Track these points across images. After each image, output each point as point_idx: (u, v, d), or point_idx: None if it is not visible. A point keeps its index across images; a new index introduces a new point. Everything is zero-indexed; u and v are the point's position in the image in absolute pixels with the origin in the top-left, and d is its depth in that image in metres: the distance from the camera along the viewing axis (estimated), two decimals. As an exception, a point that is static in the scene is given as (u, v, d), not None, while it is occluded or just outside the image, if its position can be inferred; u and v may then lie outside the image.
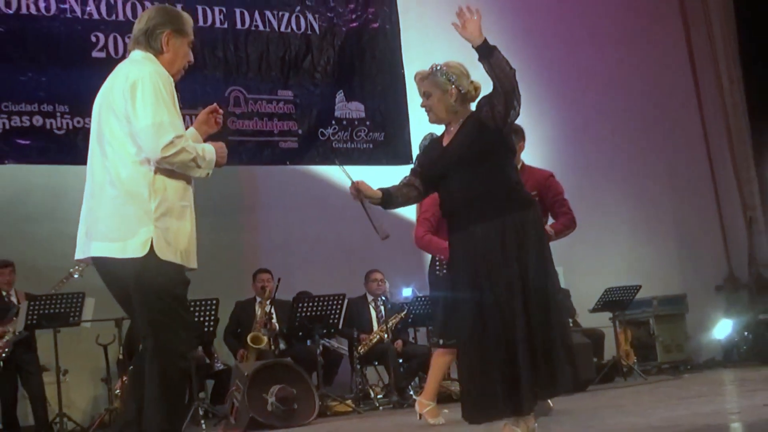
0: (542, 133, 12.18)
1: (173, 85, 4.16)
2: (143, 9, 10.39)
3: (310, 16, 11.14)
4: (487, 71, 4.73)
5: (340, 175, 10.34)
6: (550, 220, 7.38)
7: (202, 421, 8.85)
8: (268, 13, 10.91)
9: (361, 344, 10.08)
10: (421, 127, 11.47)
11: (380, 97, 11.39)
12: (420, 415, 7.08)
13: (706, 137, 13.80)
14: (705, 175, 13.71)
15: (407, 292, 9.94)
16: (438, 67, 5.01)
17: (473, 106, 5.05)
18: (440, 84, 4.95)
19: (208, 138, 4.44)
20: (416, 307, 9.89)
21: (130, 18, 10.34)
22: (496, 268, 4.69)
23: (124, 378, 9.21)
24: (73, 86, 9.24)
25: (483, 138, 4.80)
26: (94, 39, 10.09)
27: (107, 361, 9.44)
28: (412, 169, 5.26)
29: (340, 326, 9.81)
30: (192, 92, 10.25)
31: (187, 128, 4.31)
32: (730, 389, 8.30)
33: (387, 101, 11.40)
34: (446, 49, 12.06)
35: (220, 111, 4.45)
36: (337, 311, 9.56)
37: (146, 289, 4.04)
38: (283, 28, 10.90)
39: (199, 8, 10.57)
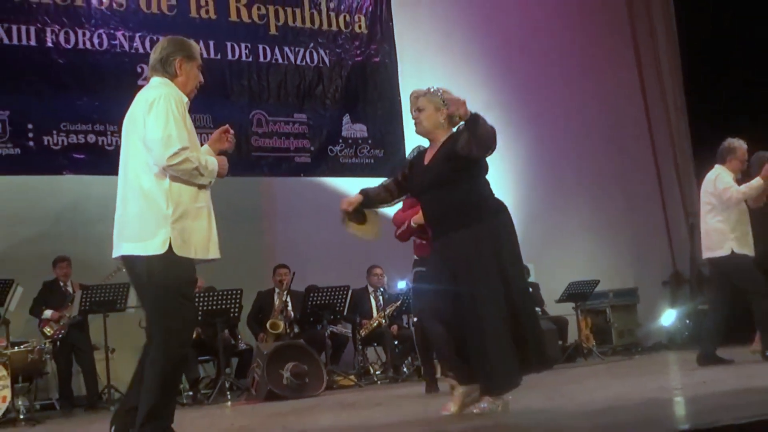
0: (518, 153, 12.29)
1: (186, 104, 4.20)
2: (204, 71, 10.49)
3: (321, 52, 11.16)
4: (471, 134, 4.64)
5: (346, 186, 10.49)
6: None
7: (228, 393, 8.90)
8: (286, 48, 10.93)
9: (363, 328, 10.15)
10: (414, 145, 11.58)
11: (380, 120, 11.41)
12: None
13: (654, 156, 13.79)
14: (654, 188, 13.71)
15: (402, 285, 9.94)
16: (435, 89, 5.00)
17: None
18: (435, 102, 4.91)
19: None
20: (410, 297, 9.90)
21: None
22: (473, 267, 4.66)
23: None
24: (121, 109, 9.04)
25: (457, 161, 4.75)
26: (139, 70, 10.10)
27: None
28: (395, 177, 5.20)
29: (345, 313, 9.94)
30: (222, 115, 10.30)
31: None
32: (673, 369, 8.34)
33: (386, 123, 11.43)
34: (436, 80, 12.10)
35: (231, 131, 4.46)
36: (343, 300, 9.69)
37: (157, 284, 4.07)
38: (299, 62, 10.93)
39: (228, 44, 10.61)
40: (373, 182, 8.43)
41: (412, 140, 11.61)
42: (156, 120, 4.00)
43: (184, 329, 4.22)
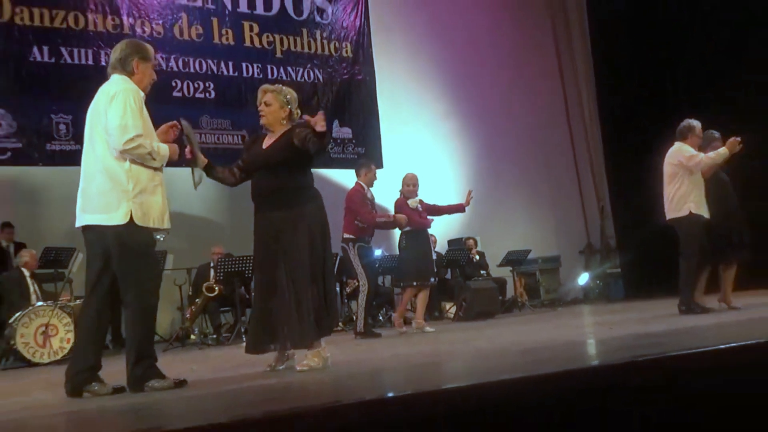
0: (469, 151, 12.32)
1: (143, 98, 3.97)
2: (209, 65, 10.41)
3: (316, 71, 11.16)
4: (318, 140, 4.30)
5: (336, 176, 10.38)
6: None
7: (243, 336, 8.85)
8: (289, 68, 10.96)
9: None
10: (387, 144, 11.58)
11: (362, 125, 11.45)
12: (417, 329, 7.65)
13: (574, 154, 13.85)
14: (573, 179, 13.79)
15: (378, 252, 9.95)
16: (283, 89, 4.67)
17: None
18: (280, 101, 4.57)
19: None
20: (384, 261, 9.89)
21: (198, 71, 10.32)
22: (288, 244, 4.37)
23: (192, 307, 9.22)
24: (158, 117, 9.18)
25: (290, 151, 4.42)
26: (173, 84, 10.05)
27: (181, 296, 9.44)
28: (237, 162, 4.68)
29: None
30: (239, 120, 10.32)
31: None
32: (587, 318, 8.40)
33: (366, 127, 11.46)
34: (406, 94, 12.16)
35: (178, 126, 4.20)
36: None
37: (127, 249, 3.85)
38: (298, 79, 10.91)
39: (243, 65, 10.63)
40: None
41: (387, 140, 11.70)
42: (115, 111, 3.81)
43: (153, 284, 4.03)
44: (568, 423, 2.84)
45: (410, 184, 7.77)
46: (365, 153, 11.18)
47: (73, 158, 9.22)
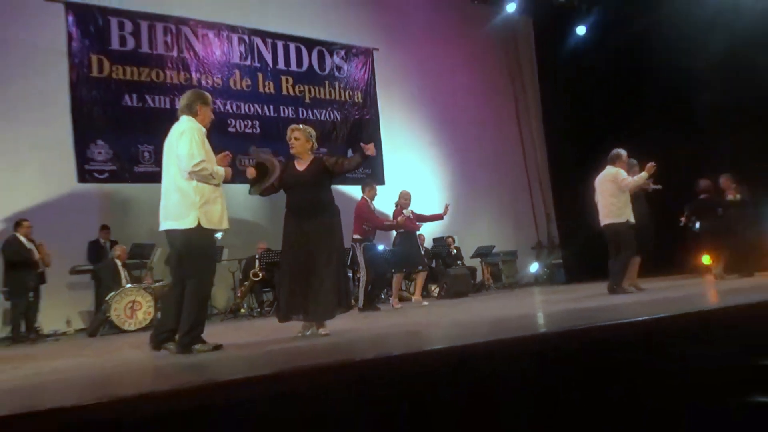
0: (448, 169, 12.28)
1: (204, 132, 4.00)
2: (255, 108, 10.40)
3: (335, 112, 11.17)
4: (358, 164, 4.58)
5: (348, 190, 10.40)
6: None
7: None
8: (315, 110, 10.97)
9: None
10: (388, 166, 11.56)
11: (369, 152, 11.45)
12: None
13: (527, 174, 13.82)
14: (526, 191, 13.76)
15: (380, 247, 9.92)
16: (307, 128, 4.72)
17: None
18: (305, 136, 4.64)
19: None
20: (383, 254, 9.87)
21: (248, 112, 10.33)
22: (321, 243, 4.37)
23: (242, 288, 9.20)
24: (218, 147, 9.25)
25: (322, 173, 4.50)
26: (229, 122, 10.06)
27: (234, 280, 9.44)
28: (274, 182, 4.57)
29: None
30: (279, 150, 10.22)
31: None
32: (537, 297, 8.37)
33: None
34: (402, 130, 12.14)
35: (229, 155, 4.14)
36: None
37: (192, 247, 3.87)
38: (322, 118, 10.92)
39: (281, 107, 10.64)
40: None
41: (388, 162, 11.70)
42: (184, 143, 3.84)
43: (209, 276, 4.00)
44: (524, 375, 2.83)
45: (405, 198, 7.93)
46: (371, 173, 11.18)
47: (154, 177, 9.26)
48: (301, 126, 4.77)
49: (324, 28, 11.24)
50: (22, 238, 7.62)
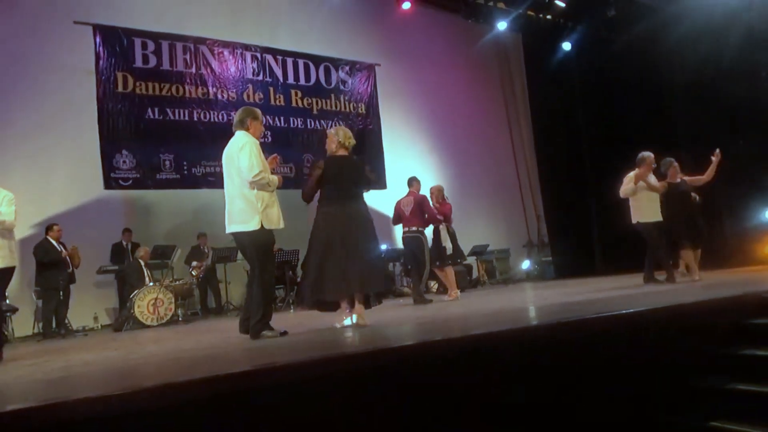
0: (446, 172, 12.25)
1: (258, 144, 4.10)
2: (267, 119, 10.41)
3: (341, 123, 11.09)
4: (372, 181, 4.50)
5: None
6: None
7: (291, 305, 8.87)
8: (322, 121, 10.86)
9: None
10: (390, 173, 11.56)
11: (372, 159, 11.34)
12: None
13: (518, 177, 13.73)
14: (517, 194, 13.62)
15: (383, 246, 9.93)
16: (339, 132, 4.64)
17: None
18: (331, 136, 4.61)
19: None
20: (387, 253, 9.87)
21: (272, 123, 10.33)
22: (354, 227, 4.29)
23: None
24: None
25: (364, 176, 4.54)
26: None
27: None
28: (316, 180, 4.49)
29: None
30: (288, 156, 10.28)
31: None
32: (529, 292, 8.36)
33: (375, 161, 11.36)
34: (402, 139, 12.13)
35: (278, 157, 4.33)
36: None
37: (258, 245, 4.01)
38: (328, 128, 10.76)
39: (291, 119, 10.58)
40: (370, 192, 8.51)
41: (391, 170, 11.69)
42: (245, 156, 3.96)
43: (271, 268, 4.17)
44: (516, 363, 2.83)
45: (439, 191, 7.61)
46: (375, 178, 11.21)
47: (174, 184, 9.30)
48: (333, 131, 4.69)
49: (330, 45, 11.24)
50: (53, 241, 7.63)
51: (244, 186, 3.99)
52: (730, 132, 8.74)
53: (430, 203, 7.20)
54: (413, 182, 7.30)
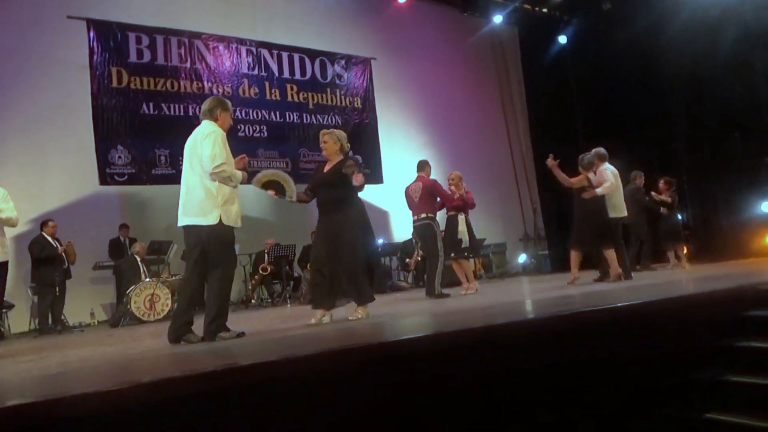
0: (442, 166, 12.22)
1: (225, 136, 3.97)
2: (263, 114, 10.37)
3: (337, 117, 11.11)
4: (356, 188, 4.45)
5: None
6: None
7: (288, 300, 8.87)
8: (318, 115, 10.88)
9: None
10: (387, 167, 11.55)
11: (369, 153, 11.37)
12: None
13: (515, 172, 13.76)
14: (514, 189, 13.67)
15: (380, 241, 9.94)
16: (335, 131, 4.68)
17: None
18: (333, 140, 4.59)
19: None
20: (383, 248, 9.87)
21: (255, 118, 10.29)
22: (342, 236, 4.34)
23: (252, 281, 9.20)
24: (234, 150, 9.35)
25: (341, 175, 4.41)
26: (238, 128, 9.98)
27: (245, 273, 9.43)
28: (308, 186, 4.67)
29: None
30: (283, 151, 10.25)
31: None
32: (526, 285, 8.37)
33: (371, 155, 11.39)
34: (399, 133, 12.12)
35: (246, 158, 4.12)
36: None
37: (218, 241, 3.82)
38: (324, 123, 10.81)
39: (287, 113, 10.56)
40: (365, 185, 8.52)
41: (387, 165, 11.69)
42: (208, 145, 3.81)
43: (232, 267, 3.98)
44: (514, 355, 2.84)
45: (459, 179, 7.09)
46: (371, 172, 11.17)
47: (170, 179, 9.25)
48: (329, 131, 4.70)
49: (325, 39, 11.21)
50: (48, 237, 7.60)
51: (206, 177, 3.84)
52: (725, 125, 8.78)
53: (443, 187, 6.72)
54: (425, 166, 6.80)
